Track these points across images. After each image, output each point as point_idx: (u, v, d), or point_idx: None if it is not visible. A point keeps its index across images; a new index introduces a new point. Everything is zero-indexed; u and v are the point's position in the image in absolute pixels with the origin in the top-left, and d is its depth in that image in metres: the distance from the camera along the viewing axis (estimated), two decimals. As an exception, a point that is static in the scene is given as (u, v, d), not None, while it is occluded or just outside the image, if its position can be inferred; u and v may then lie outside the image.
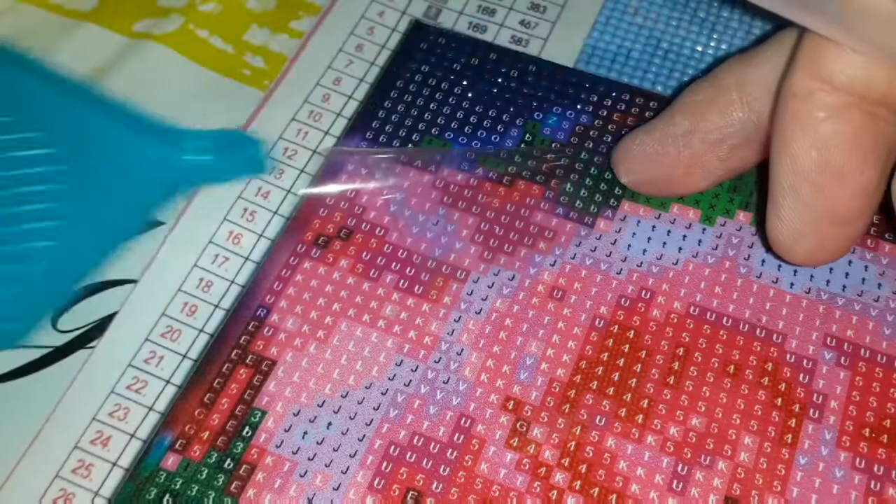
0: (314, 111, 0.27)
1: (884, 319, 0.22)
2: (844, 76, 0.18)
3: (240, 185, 0.25)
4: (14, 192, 0.24)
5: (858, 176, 0.19)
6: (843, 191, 0.19)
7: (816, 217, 0.20)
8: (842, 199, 0.19)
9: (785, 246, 0.20)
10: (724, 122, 0.21)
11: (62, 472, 0.21)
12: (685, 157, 0.22)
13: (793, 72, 0.19)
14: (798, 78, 0.19)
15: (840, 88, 0.18)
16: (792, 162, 0.19)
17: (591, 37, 0.28)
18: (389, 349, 0.22)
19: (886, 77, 0.18)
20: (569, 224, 0.24)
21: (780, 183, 0.20)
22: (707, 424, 0.21)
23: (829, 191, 0.19)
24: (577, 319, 0.22)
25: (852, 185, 0.19)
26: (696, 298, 0.23)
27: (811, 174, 0.19)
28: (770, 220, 0.20)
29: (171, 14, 0.30)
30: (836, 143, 0.19)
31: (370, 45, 0.28)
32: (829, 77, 0.18)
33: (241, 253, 0.24)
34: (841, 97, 0.18)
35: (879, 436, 0.21)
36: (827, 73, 0.18)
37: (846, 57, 0.18)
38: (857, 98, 0.18)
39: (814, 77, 0.18)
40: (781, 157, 0.19)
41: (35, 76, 0.26)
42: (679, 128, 0.22)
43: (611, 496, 0.20)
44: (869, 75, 0.18)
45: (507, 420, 0.21)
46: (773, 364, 0.22)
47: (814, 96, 0.19)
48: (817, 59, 0.18)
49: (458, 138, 0.25)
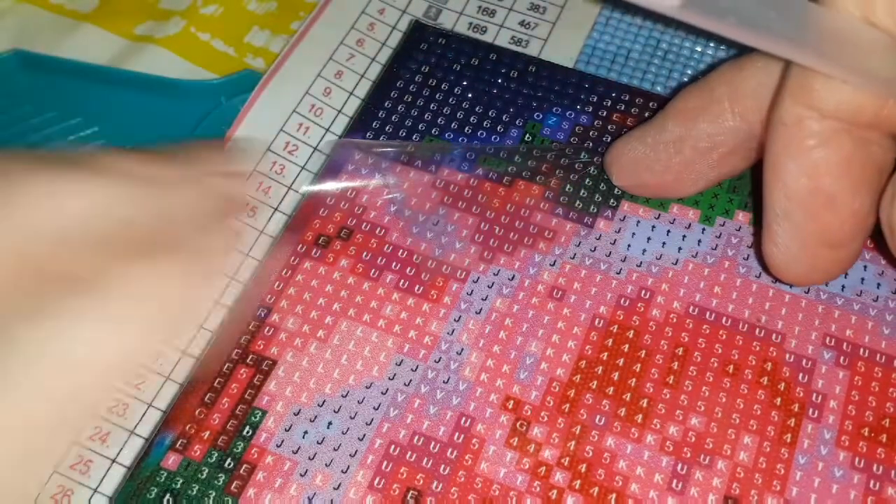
0: (315, 105, 0.27)
1: (883, 319, 0.22)
2: (832, 103, 0.18)
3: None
4: None
5: (850, 200, 0.19)
6: (836, 215, 0.19)
7: (810, 241, 0.20)
8: (835, 223, 0.19)
9: (780, 268, 0.21)
10: (715, 130, 0.21)
11: (60, 469, 0.21)
12: (676, 163, 0.22)
13: (781, 100, 0.19)
14: (787, 106, 0.19)
15: (829, 115, 0.18)
16: (784, 188, 0.19)
17: (591, 37, 0.28)
18: (390, 349, 0.22)
19: (874, 102, 0.18)
20: (568, 224, 0.24)
21: (774, 209, 0.20)
22: (706, 424, 0.21)
23: (822, 216, 0.19)
24: (576, 319, 0.22)
25: (844, 210, 0.19)
26: (696, 298, 0.23)
27: (803, 200, 0.19)
28: (765, 245, 0.21)
29: (173, 17, 0.30)
30: (827, 169, 0.19)
31: (371, 41, 0.28)
32: (817, 104, 0.18)
33: (242, 249, 0.24)
34: (830, 124, 0.18)
35: (878, 435, 0.21)
36: (815, 100, 0.18)
37: (833, 84, 0.18)
38: (846, 124, 0.18)
39: (802, 104, 0.19)
40: (774, 183, 0.20)
41: (58, 72, 0.28)
42: (670, 134, 0.22)
43: (610, 495, 0.20)
44: (857, 101, 0.18)
45: (507, 420, 0.21)
46: (773, 364, 0.22)
47: (803, 124, 0.19)
48: (805, 87, 0.18)
49: (458, 138, 0.26)
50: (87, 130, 0.28)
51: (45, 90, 0.28)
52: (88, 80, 0.28)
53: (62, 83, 0.28)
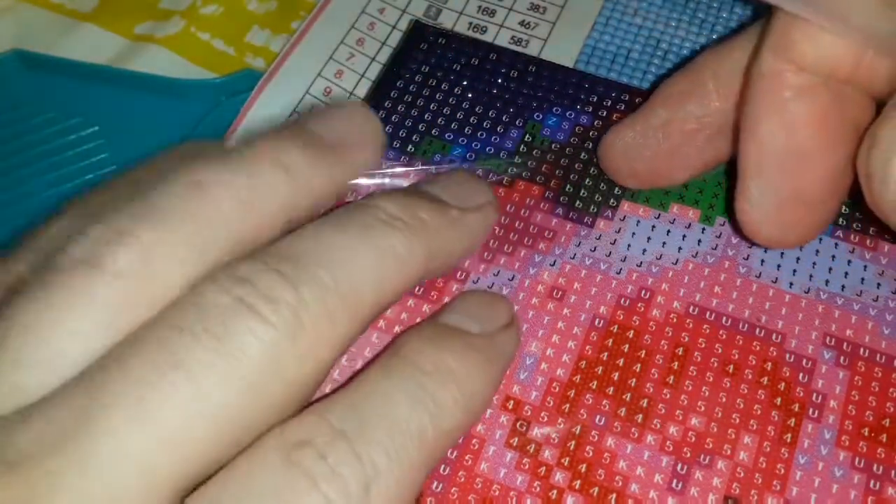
0: (316, 105, 0.27)
1: (883, 319, 0.22)
2: (811, 56, 0.18)
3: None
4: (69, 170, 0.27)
5: (826, 156, 0.19)
6: (811, 171, 0.19)
7: (784, 198, 0.20)
8: (809, 179, 0.19)
9: (753, 226, 0.21)
10: (702, 111, 0.22)
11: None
12: (665, 148, 0.22)
13: (761, 53, 0.19)
14: (766, 59, 0.19)
15: (807, 68, 0.18)
16: (759, 143, 0.19)
17: (591, 37, 0.28)
18: (389, 349, 0.22)
19: (853, 57, 0.18)
20: (568, 224, 0.24)
21: (748, 164, 0.20)
22: (706, 424, 0.21)
23: (797, 172, 0.19)
24: (576, 319, 0.22)
25: (819, 167, 0.19)
26: (696, 298, 0.23)
27: (778, 155, 0.19)
28: (738, 201, 0.20)
29: (173, 17, 0.30)
30: (803, 122, 0.19)
31: (371, 41, 0.28)
32: (796, 57, 0.18)
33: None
34: (808, 77, 0.18)
35: (879, 435, 0.21)
36: (794, 53, 0.18)
37: (813, 37, 0.18)
38: (824, 78, 0.18)
39: (781, 58, 0.19)
40: (750, 138, 0.20)
41: (58, 72, 0.29)
42: (658, 119, 0.22)
43: (610, 495, 0.20)
44: (836, 55, 0.18)
45: (507, 420, 0.21)
46: (773, 363, 0.22)
47: (781, 76, 0.19)
48: (785, 40, 0.18)
49: (458, 139, 0.26)
50: (87, 130, 0.28)
51: (45, 90, 0.28)
52: (88, 80, 0.28)
53: (62, 83, 0.28)
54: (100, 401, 0.14)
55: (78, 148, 0.27)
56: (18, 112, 0.28)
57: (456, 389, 0.17)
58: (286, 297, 0.16)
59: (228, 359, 0.15)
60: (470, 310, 0.20)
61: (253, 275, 0.16)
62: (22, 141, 0.27)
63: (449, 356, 0.18)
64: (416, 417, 0.16)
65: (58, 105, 0.28)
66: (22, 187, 0.27)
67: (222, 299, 0.15)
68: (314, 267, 0.16)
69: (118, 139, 0.27)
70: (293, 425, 0.16)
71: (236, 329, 0.15)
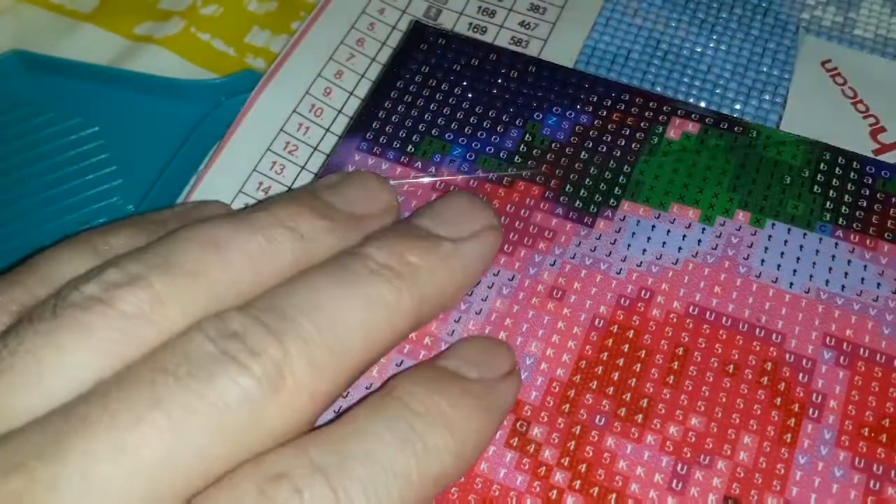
0: (316, 105, 0.27)
1: (883, 319, 0.22)
2: None
3: (241, 180, 0.25)
4: (69, 170, 0.27)
5: None
6: None
7: None
8: None
9: None
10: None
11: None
12: None
13: None
14: None
15: None
16: None
17: (591, 37, 0.28)
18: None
19: None
20: (568, 224, 0.24)
21: None
22: (706, 424, 0.21)
23: None
24: (576, 319, 0.22)
25: None
26: (696, 298, 0.23)
27: None
28: None
29: (173, 17, 0.30)
30: None
31: (371, 41, 0.28)
32: None
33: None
34: None
35: (879, 435, 0.21)
36: None
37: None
38: None
39: None
40: None
41: (58, 72, 0.29)
42: None
43: (610, 495, 0.20)
44: None
45: (507, 420, 0.21)
46: (773, 364, 0.22)
47: None
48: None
49: (458, 139, 0.26)
50: (87, 130, 0.28)
51: (45, 90, 0.28)
52: (88, 80, 0.28)
53: (62, 83, 0.28)
54: (75, 427, 0.14)
55: (78, 148, 0.27)
56: (18, 112, 0.28)
57: (447, 434, 0.17)
58: (270, 351, 0.16)
59: (208, 405, 0.15)
60: (469, 355, 0.20)
61: (241, 327, 0.16)
62: (22, 141, 0.27)
63: (442, 400, 0.17)
64: (402, 459, 0.16)
65: (58, 105, 0.28)
66: (22, 187, 0.27)
67: (209, 348, 0.16)
68: (301, 319, 0.17)
69: (118, 139, 0.27)
70: (272, 457, 0.16)
71: (219, 377, 0.15)
